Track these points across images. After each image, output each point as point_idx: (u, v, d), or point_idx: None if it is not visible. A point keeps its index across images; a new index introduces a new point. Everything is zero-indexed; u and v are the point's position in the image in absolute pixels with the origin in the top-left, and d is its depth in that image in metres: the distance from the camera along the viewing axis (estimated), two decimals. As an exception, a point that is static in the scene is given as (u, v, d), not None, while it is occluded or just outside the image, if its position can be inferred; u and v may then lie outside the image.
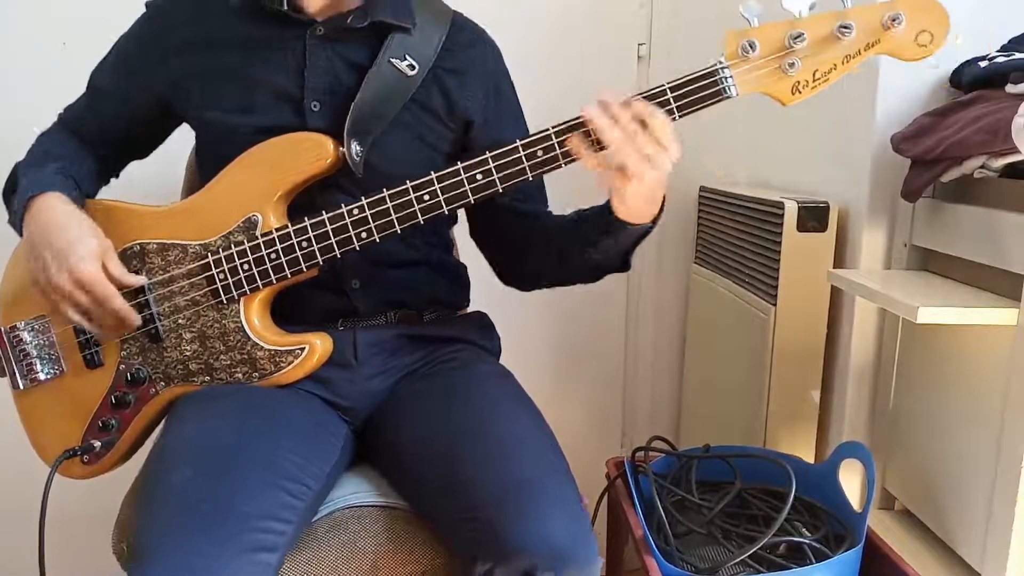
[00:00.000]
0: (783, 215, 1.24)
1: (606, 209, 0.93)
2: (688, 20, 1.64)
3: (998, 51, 1.06)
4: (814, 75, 0.88)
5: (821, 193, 1.30)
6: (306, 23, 0.98)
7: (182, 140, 1.14)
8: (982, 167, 1.00)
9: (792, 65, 0.87)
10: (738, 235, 1.42)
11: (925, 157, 1.06)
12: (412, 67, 1.00)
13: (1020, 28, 1.10)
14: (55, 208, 0.97)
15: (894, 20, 0.84)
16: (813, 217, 1.24)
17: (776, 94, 0.89)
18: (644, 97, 0.88)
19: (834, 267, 1.26)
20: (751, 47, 0.87)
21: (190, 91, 1.02)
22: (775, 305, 1.27)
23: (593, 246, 0.98)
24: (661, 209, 0.94)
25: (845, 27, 0.85)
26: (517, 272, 1.14)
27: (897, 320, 1.19)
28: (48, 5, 1.44)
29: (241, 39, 1.00)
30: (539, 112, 1.14)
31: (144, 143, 1.13)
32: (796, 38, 0.86)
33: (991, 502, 0.97)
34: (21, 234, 0.99)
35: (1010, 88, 0.97)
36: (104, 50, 1.09)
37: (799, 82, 0.88)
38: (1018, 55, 1.01)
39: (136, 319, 0.97)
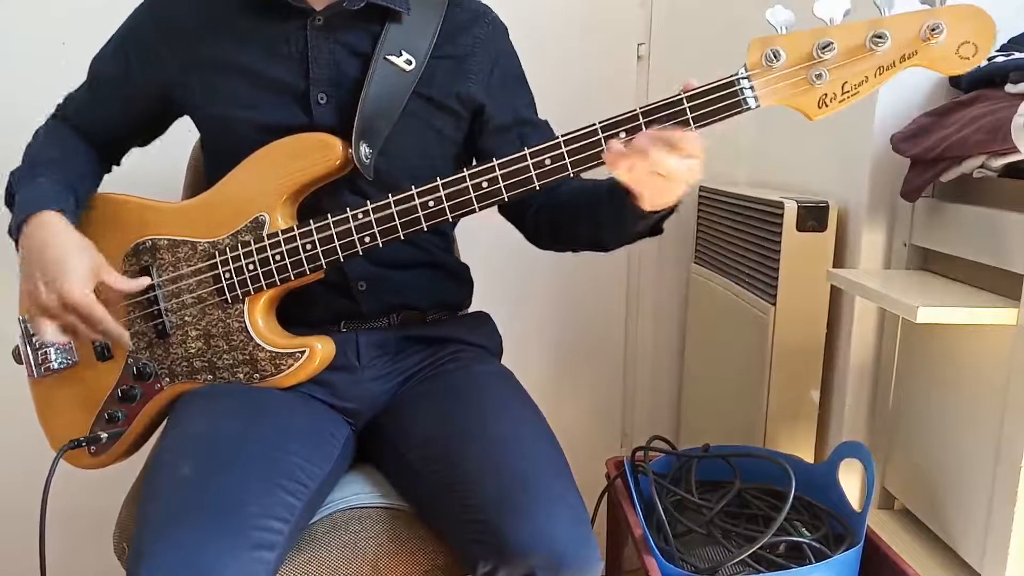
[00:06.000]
0: (783, 215, 1.24)
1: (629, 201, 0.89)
2: (688, 20, 1.64)
3: (998, 51, 1.06)
4: (843, 88, 0.81)
5: (821, 193, 1.30)
6: (306, 13, 0.98)
7: (183, 139, 1.14)
8: (982, 167, 0.99)
9: (819, 76, 0.80)
10: (738, 235, 1.42)
11: (925, 157, 1.06)
12: (409, 62, 0.99)
13: (1020, 28, 1.09)
14: (48, 228, 0.95)
15: (934, 30, 0.77)
16: (813, 217, 1.24)
17: (801, 107, 0.83)
18: (660, 106, 0.85)
19: (834, 267, 1.26)
20: (775, 56, 0.81)
21: (191, 84, 1.01)
22: (775, 305, 1.27)
23: (628, 229, 0.95)
24: None
25: (879, 37, 0.78)
26: (549, 242, 1.11)
27: (897, 320, 1.19)
28: (48, 5, 1.44)
29: (242, 31, 0.99)
30: (539, 112, 1.14)
31: (145, 131, 1.12)
32: (824, 47, 0.79)
33: (991, 502, 0.97)
34: (18, 249, 0.98)
35: (1010, 88, 0.97)
36: (104, 50, 1.08)
37: (826, 95, 0.81)
38: (1018, 55, 1.01)
39: (127, 341, 0.97)
